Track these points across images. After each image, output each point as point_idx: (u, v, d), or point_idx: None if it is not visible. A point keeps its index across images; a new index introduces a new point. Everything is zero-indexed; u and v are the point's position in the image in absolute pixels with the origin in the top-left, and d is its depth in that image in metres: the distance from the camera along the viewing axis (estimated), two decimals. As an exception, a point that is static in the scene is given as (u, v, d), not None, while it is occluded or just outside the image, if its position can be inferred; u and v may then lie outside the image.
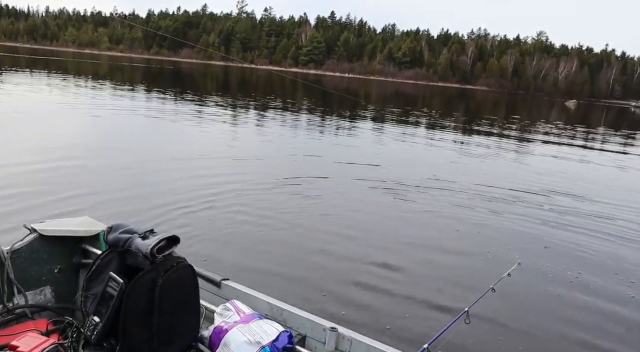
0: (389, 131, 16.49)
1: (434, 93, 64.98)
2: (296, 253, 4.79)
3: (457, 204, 7.10)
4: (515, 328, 3.35)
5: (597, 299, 3.98)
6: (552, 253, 5.05)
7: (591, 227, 6.28)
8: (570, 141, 18.22)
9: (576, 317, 3.60)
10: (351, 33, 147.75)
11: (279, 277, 4.11)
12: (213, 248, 4.71)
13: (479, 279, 4.03)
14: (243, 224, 5.52)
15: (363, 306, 3.49)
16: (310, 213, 6.27)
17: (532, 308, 3.66)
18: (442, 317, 3.22)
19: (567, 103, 60.50)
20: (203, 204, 6.04)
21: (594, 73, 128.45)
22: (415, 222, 6.14)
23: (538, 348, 3.17)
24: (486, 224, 6.12)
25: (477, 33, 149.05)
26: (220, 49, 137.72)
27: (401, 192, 7.54)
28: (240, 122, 15.56)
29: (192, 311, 1.81)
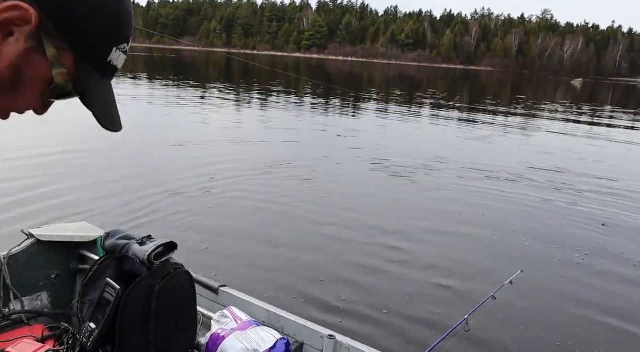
0: (392, 114, 16.40)
1: (437, 75, 64.50)
2: (295, 236, 4.86)
3: (461, 190, 7.04)
4: (515, 337, 3.28)
5: (605, 312, 3.77)
6: (558, 255, 4.79)
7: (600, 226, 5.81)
8: (577, 120, 18.06)
9: (580, 329, 3.49)
10: (353, 16, 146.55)
11: (275, 259, 4.19)
12: (216, 232, 4.77)
13: (481, 283, 3.99)
14: (244, 206, 5.56)
15: (358, 315, 3.43)
16: (309, 195, 6.30)
17: (534, 317, 3.56)
18: (441, 324, 3.15)
19: (573, 82, 59.90)
20: (208, 187, 6.10)
21: (600, 51, 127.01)
22: (418, 209, 6.07)
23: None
24: (490, 214, 6.01)
25: (481, 13, 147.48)
26: (222, 36, 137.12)
27: (403, 175, 7.49)
28: (242, 107, 15.51)
29: (189, 318, 1.80)
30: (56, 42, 0.60)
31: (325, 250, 4.66)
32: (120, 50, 0.67)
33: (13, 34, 0.57)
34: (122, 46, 0.67)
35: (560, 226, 5.73)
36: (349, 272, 4.15)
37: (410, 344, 2.87)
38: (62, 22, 0.59)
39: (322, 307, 3.50)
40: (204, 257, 4.18)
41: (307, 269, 4.18)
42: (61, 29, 0.60)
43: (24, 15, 0.56)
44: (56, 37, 0.60)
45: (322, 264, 4.33)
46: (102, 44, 0.64)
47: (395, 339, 2.96)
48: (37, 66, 0.60)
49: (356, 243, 4.85)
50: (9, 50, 0.58)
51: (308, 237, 4.97)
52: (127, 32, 0.67)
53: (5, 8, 0.55)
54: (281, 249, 4.62)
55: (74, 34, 0.61)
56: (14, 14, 0.56)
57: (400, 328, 3.19)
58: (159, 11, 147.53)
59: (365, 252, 4.62)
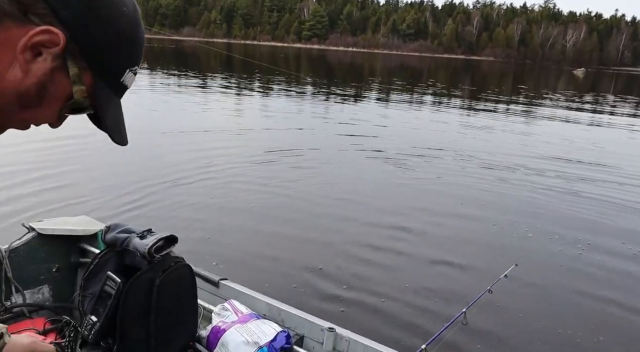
0: (393, 103, 16.35)
1: (439, 65, 64.18)
2: (294, 224, 4.93)
3: (460, 180, 7.03)
4: (512, 330, 3.29)
5: (604, 302, 3.79)
6: (554, 249, 4.77)
7: (602, 217, 5.78)
8: (579, 108, 17.99)
9: (576, 321, 3.50)
10: (354, 6, 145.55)
11: (275, 246, 4.23)
12: (217, 221, 4.82)
13: (477, 276, 4.00)
14: (244, 196, 5.60)
15: (356, 305, 3.45)
16: (309, 183, 6.34)
17: (530, 310, 3.57)
18: (439, 317, 3.16)
19: (575, 72, 59.59)
20: (208, 177, 6.13)
21: (603, 40, 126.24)
22: (415, 201, 6.05)
23: (536, 350, 3.11)
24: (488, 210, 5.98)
25: (483, 2, 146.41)
26: (222, 26, 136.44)
27: (401, 165, 7.48)
28: (243, 96, 15.47)
29: (190, 311, 1.81)
30: (78, 62, 0.67)
31: (323, 240, 4.67)
32: (132, 71, 0.75)
33: (42, 54, 0.64)
34: (134, 69, 0.75)
35: (557, 218, 5.72)
36: (345, 263, 4.17)
37: (408, 337, 2.89)
38: (85, 46, 0.66)
39: (320, 297, 3.52)
40: (206, 248, 4.20)
41: (306, 258, 4.20)
42: (83, 51, 0.67)
43: (54, 39, 0.63)
44: (78, 58, 0.67)
45: (320, 253, 4.35)
46: (118, 66, 0.72)
47: (393, 332, 2.98)
48: (60, 83, 0.67)
49: (352, 234, 4.86)
50: (38, 69, 0.64)
51: (306, 226, 4.99)
52: (138, 56, 0.75)
53: (38, 32, 0.62)
54: (281, 236, 4.65)
55: (94, 56, 0.68)
56: (45, 37, 0.62)
57: (399, 321, 3.21)
58: (159, 1, 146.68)
59: (362, 243, 4.63)
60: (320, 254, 4.32)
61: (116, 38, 0.69)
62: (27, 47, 0.62)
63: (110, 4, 0.68)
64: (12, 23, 0.62)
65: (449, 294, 3.70)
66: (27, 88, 0.65)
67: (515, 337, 3.21)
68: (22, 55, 0.63)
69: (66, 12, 0.63)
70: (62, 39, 0.63)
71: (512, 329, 3.30)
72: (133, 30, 0.72)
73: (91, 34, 0.66)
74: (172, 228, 1.76)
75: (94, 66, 0.69)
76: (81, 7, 0.64)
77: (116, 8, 0.68)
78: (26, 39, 0.62)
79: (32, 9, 0.62)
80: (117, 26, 0.68)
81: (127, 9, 0.70)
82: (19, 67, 0.63)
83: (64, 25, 0.63)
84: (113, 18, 0.68)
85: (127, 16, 0.70)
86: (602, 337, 3.28)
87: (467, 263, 4.33)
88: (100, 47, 0.67)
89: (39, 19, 0.63)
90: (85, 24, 0.65)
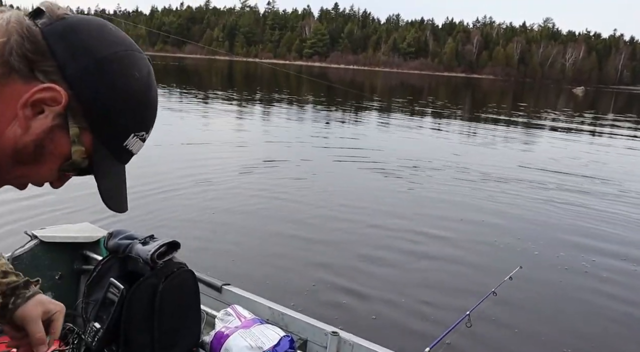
0: (394, 122, 16.43)
1: (439, 83, 64.65)
2: (296, 233, 4.94)
3: (462, 190, 7.06)
4: (516, 332, 3.27)
5: (606, 304, 3.79)
6: (556, 253, 4.80)
7: (603, 224, 5.84)
8: (579, 128, 18.07)
9: (580, 324, 3.49)
10: (355, 24, 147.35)
11: (278, 252, 4.24)
12: (218, 229, 4.84)
13: (481, 279, 3.99)
14: (246, 206, 5.65)
15: (360, 309, 3.44)
16: (309, 194, 6.41)
17: (534, 312, 3.55)
18: (444, 320, 3.14)
19: (574, 90, 59.92)
20: (210, 187, 6.16)
21: (602, 59, 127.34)
22: (420, 208, 6.07)
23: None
24: (490, 216, 6.02)
25: (483, 21, 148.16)
26: (225, 44, 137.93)
27: (404, 176, 7.49)
28: (245, 114, 15.56)
29: (193, 317, 1.80)
30: (79, 122, 0.65)
31: (325, 243, 4.71)
32: (138, 137, 0.71)
33: (44, 111, 0.63)
34: (141, 134, 0.72)
35: (560, 225, 5.76)
36: (347, 266, 4.18)
37: (412, 340, 2.87)
38: (88, 106, 0.65)
39: (323, 300, 3.52)
40: (208, 253, 4.20)
41: (308, 262, 4.24)
42: (86, 111, 0.65)
43: (55, 97, 0.62)
44: (80, 117, 0.65)
45: (322, 257, 4.38)
46: (122, 130, 0.69)
47: (397, 335, 2.96)
48: (59, 142, 0.66)
49: (356, 239, 4.89)
50: (37, 126, 0.63)
51: (308, 231, 5.04)
52: (148, 122, 0.72)
53: (40, 89, 0.61)
54: (284, 241, 4.70)
55: (96, 117, 0.66)
56: (47, 94, 0.62)
57: (403, 324, 3.19)
58: (162, 19, 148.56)
59: (365, 247, 4.65)
60: (322, 258, 4.34)
61: (122, 101, 0.66)
62: (29, 103, 0.62)
63: (120, 66, 0.66)
64: (18, 79, 0.62)
65: (453, 296, 3.70)
66: (25, 144, 0.64)
67: (520, 340, 3.20)
68: (23, 111, 0.62)
69: (72, 70, 0.63)
70: (64, 97, 0.62)
71: (517, 332, 3.28)
72: (143, 94, 0.69)
73: (95, 94, 0.64)
74: (174, 234, 1.76)
75: (95, 127, 0.66)
76: (88, 67, 0.63)
77: (126, 70, 0.66)
78: (28, 95, 0.61)
79: (39, 66, 0.62)
80: (124, 89, 0.66)
81: (139, 73, 0.68)
82: (19, 123, 0.63)
83: (68, 84, 0.63)
84: (121, 80, 0.66)
85: (138, 80, 0.68)
86: (607, 341, 3.26)
87: (471, 266, 4.36)
88: (104, 109, 0.65)
89: (45, 76, 0.62)
90: (90, 84, 0.64)
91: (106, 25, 0.68)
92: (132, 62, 0.68)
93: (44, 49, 0.62)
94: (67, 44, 0.63)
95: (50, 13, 0.65)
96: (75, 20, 0.66)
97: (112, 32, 0.68)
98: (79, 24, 0.65)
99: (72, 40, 0.64)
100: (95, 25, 0.67)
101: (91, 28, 0.66)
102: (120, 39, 0.68)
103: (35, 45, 0.62)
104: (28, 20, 0.64)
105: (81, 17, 0.68)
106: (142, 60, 0.70)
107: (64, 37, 0.63)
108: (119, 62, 0.66)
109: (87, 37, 0.65)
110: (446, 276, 4.12)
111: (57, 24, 0.64)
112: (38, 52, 0.62)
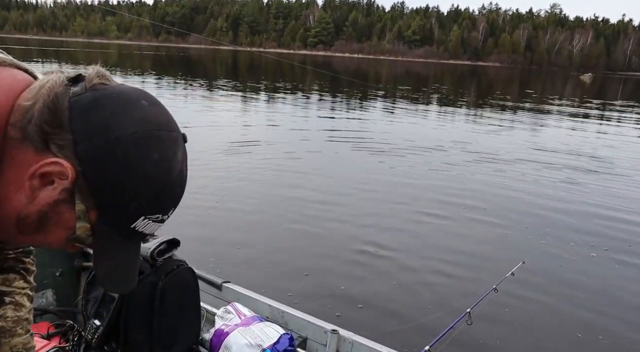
0: (399, 108, 16.34)
1: (444, 71, 64.18)
2: (295, 225, 4.91)
3: (466, 179, 7.00)
4: (518, 329, 3.24)
5: (611, 301, 3.73)
6: (560, 247, 4.71)
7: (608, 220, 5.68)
8: (587, 114, 17.89)
9: (583, 320, 3.44)
10: (360, 12, 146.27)
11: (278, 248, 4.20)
12: (218, 224, 4.81)
13: (483, 274, 3.95)
14: (248, 200, 5.58)
15: (360, 306, 3.42)
16: (310, 183, 6.39)
17: (535, 308, 3.50)
18: (444, 317, 3.12)
19: (582, 77, 59.38)
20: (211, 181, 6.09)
21: (610, 45, 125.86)
22: (421, 199, 6.01)
23: (542, 350, 3.07)
24: (494, 204, 5.96)
25: (489, 8, 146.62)
26: (228, 33, 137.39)
27: (408, 163, 7.46)
28: (250, 103, 15.52)
29: (192, 314, 1.80)
30: (86, 200, 0.63)
31: (325, 238, 4.68)
32: (152, 219, 0.67)
33: (53, 183, 0.62)
34: (156, 217, 0.67)
35: (562, 217, 5.68)
36: (346, 261, 4.15)
37: (412, 337, 2.85)
38: (95, 186, 0.62)
39: (322, 296, 3.50)
40: (208, 250, 4.19)
41: (307, 257, 4.20)
42: (92, 190, 0.62)
43: (63, 172, 0.61)
44: (87, 195, 0.63)
45: (320, 250, 4.35)
46: (129, 213, 0.65)
47: (397, 333, 2.95)
48: (64, 215, 0.64)
49: (355, 232, 4.86)
50: (44, 197, 0.62)
51: (309, 223, 5.01)
52: (164, 206, 0.67)
53: (48, 163, 0.61)
54: (285, 236, 4.68)
55: (102, 197, 0.63)
56: (55, 168, 0.61)
57: (402, 322, 3.17)
58: (166, 9, 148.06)
59: (365, 241, 4.61)
60: (320, 252, 4.31)
61: (133, 185, 0.63)
62: (36, 175, 0.61)
63: (137, 148, 0.62)
64: (32, 147, 0.61)
65: (453, 292, 3.66)
66: (28, 214, 0.63)
67: (522, 338, 3.17)
68: (30, 181, 0.61)
69: (83, 148, 0.60)
70: (71, 174, 0.60)
71: (518, 329, 3.25)
72: (159, 178, 0.64)
73: (103, 175, 0.61)
74: (174, 231, 1.75)
75: (100, 208, 0.64)
76: (100, 146, 0.61)
77: (143, 152, 0.62)
78: (36, 167, 0.61)
79: (53, 139, 0.61)
80: (137, 172, 0.62)
81: (160, 155, 0.64)
82: (25, 193, 0.62)
83: (79, 161, 0.60)
84: (134, 163, 0.62)
85: (156, 163, 0.63)
86: (614, 338, 3.23)
87: (473, 260, 4.31)
88: (112, 191, 0.62)
89: (58, 149, 0.61)
90: (99, 165, 0.61)
91: (136, 100, 0.65)
92: (153, 143, 0.63)
93: (64, 122, 0.61)
94: (85, 120, 0.61)
95: (87, 82, 0.63)
96: (104, 94, 0.63)
97: (139, 109, 0.64)
98: (104, 99, 0.63)
99: (90, 117, 0.61)
100: (123, 100, 0.64)
101: (116, 104, 0.63)
102: (147, 117, 0.64)
103: (55, 117, 0.61)
104: (64, 86, 0.62)
105: (113, 89, 0.64)
106: (168, 141, 0.65)
107: (84, 112, 0.61)
108: (135, 144, 0.62)
109: (108, 115, 0.62)
110: (447, 271, 4.07)
111: (86, 95, 0.62)
112: (55, 125, 0.61)
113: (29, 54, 39.60)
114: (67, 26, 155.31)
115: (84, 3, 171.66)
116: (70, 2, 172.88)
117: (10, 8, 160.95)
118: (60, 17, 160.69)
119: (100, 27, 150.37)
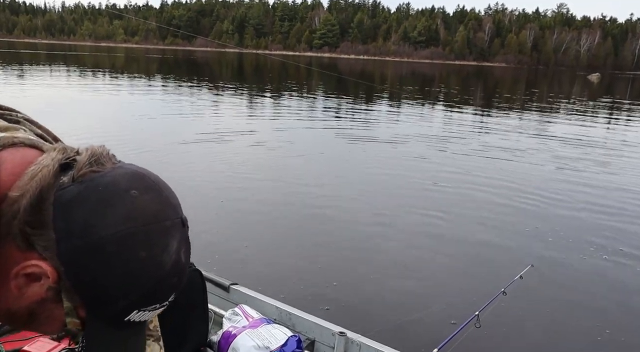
0: (404, 109, 16.30)
1: (450, 72, 63.96)
2: (301, 227, 4.85)
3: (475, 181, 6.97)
4: (526, 333, 3.21)
5: (621, 306, 3.68)
6: (570, 249, 4.68)
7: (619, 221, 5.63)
8: (596, 114, 17.76)
9: (591, 324, 3.41)
10: (365, 14, 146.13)
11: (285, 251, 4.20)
12: (230, 223, 4.80)
13: (491, 277, 3.93)
14: (254, 197, 5.52)
15: (368, 309, 3.41)
16: (314, 183, 6.34)
17: (543, 312, 3.47)
18: (452, 320, 3.10)
19: (589, 77, 58.95)
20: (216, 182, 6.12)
21: (618, 44, 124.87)
22: (431, 202, 5.98)
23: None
24: (503, 207, 5.95)
25: (495, 8, 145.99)
26: (234, 36, 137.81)
27: (415, 165, 7.45)
28: (256, 106, 15.56)
29: (200, 316, 1.80)
30: (72, 299, 0.61)
31: (333, 239, 4.67)
32: (148, 310, 0.63)
33: (40, 279, 0.60)
34: (152, 307, 0.63)
35: (571, 218, 5.65)
36: (355, 262, 4.15)
37: (420, 340, 2.84)
38: (78, 286, 0.59)
39: (330, 299, 3.49)
40: (216, 252, 4.19)
41: (316, 260, 4.19)
42: (77, 290, 0.60)
43: (45, 273, 0.58)
44: (73, 295, 0.60)
45: (329, 251, 4.35)
46: (118, 309, 0.62)
47: (405, 335, 2.93)
48: (53, 312, 0.63)
49: (364, 233, 4.86)
50: (31, 294, 0.61)
51: (317, 223, 5.04)
52: (162, 296, 0.63)
53: (29, 265, 0.58)
54: (292, 236, 4.68)
55: (88, 297, 0.60)
56: (37, 270, 0.59)
57: (411, 324, 3.16)
58: (172, 12, 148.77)
59: (373, 243, 4.61)
60: (328, 253, 4.31)
61: (119, 285, 0.59)
62: (20, 275, 0.59)
63: (120, 248, 0.58)
64: (16, 245, 0.59)
65: (462, 295, 3.64)
66: (18, 309, 0.62)
67: (531, 341, 3.14)
68: (15, 280, 0.60)
69: (64, 248, 0.57)
70: (51, 276, 0.58)
71: (527, 333, 3.22)
72: (149, 275, 0.60)
73: (85, 276, 0.58)
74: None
75: (88, 305, 0.61)
76: (80, 247, 0.57)
77: (127, 252, 0.59)
78: (18, 268, 0.59)
79: (36, 240, 0.58)
80: (122, 273, 0.59)
81: (149, 252, 0.59)
82: (9, 292, 0.61)
83: (61, 261, 0.58)
84: (118, 263, 0.58)
85: (144, 261, 0.59)
86: (621, 345, 3.19)
87: (481, 263, 4.29)
88: (96, 291, 0.60)
89: (42, 249, 0.58)
90: (80, 266, 0.58)
91: (124, 192, 0.59)
92: (139, 240, 0.59)
93: (47, 220, 0.57)
94: (66, 218, 0.57)
95: (76, 170, 0.59)
96: (89, 186, 0.59)
97: (126, 203, 0.59)
98: (88, 192, 0.58)
99: (72, 215, 0.57)
100: (108, 194, 0.59)
101: (100, 199, 0.58)
102: (134, 211, 0.59)
103: (38, 217, 0.58)
104: (54, 177, 0.59)
105: (101, 179, 0.59)
106: (158, 234, 0.61)
107: (66, 209, 0.57)
108: (118, 244, 0.58)
109: (89, 213, 0.57)
110: (455, 273, 4.06)
111: (70, 189, 0.58)
112: (38, 225, 0.58)
113: (38, 58, 39.94)
114: (75, 30, 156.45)
115: (91, 7, 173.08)
116: (78, 6, 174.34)
117: (19, 13, 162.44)
118: (69, 21, 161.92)
119: (108, 30, 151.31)
